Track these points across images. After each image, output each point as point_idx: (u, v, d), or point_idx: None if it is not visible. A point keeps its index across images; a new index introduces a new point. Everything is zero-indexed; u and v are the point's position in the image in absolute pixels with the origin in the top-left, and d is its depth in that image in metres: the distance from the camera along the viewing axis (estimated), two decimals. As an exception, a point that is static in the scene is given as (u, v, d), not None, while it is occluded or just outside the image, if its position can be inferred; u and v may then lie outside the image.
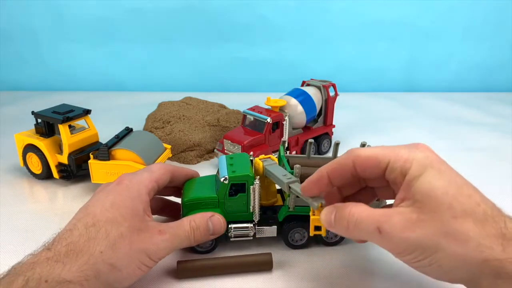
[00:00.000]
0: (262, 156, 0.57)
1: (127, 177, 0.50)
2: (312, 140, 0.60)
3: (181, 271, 0.51)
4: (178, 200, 0.60)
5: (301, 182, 0.53)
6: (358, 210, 0.39)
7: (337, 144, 0.60)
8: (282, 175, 0.52)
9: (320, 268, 0.53)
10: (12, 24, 1.32)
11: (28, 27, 1.33)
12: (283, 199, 0.58)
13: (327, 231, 0.54)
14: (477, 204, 0.36)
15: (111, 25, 1.34)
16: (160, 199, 0.60)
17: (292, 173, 0.52)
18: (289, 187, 0.50)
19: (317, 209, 0.44)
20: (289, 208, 0.55)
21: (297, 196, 0.49)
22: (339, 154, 0.61)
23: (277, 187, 0.62)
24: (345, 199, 0.47)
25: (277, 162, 0.57)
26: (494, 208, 0.36)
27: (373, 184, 0.45)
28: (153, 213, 0.59)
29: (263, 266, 0.52)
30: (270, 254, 0.53)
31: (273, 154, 0.74)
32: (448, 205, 0.35)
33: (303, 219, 0.56)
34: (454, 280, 0.38)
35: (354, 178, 0.43)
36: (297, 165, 0.52)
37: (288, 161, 0.59)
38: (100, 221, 0.44)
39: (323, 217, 0.42)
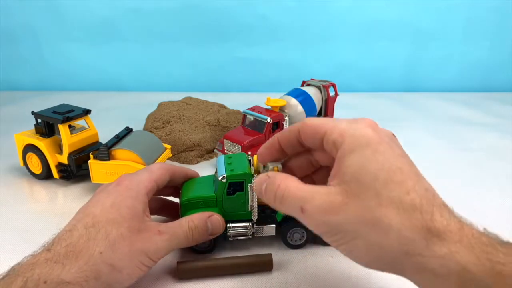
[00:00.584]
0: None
1: (127, 178, 0.50)
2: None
3: (181, 272, 0.50)
4: (177, 200, 0.60)
5: None
6: (286, 184, 0.38)
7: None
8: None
9: (320, 268, 0.53)
10: (12, 24, 1.32)
11: (28, 27, 1.33)
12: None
13: None
14: (406, 193, 0.33)
15: (111, 25, 1.34)
16: (159, 199, 0.60)
17: None
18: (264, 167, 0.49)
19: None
20: None
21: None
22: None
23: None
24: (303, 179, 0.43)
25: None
26: (424, 197, 0.33)
27: (322, 159, 0.43)
28: (152, 213, 0.59)
29: (264, 266, 0.52)
30: (270, 254, 0.53)
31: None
32: (375, 192, 0.33)
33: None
34: (378, 268, 0.36)
35: (300, 147, 0.43)
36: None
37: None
38: (100, 222, 0.44)
39: (255, 184, 0.42)
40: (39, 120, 0.74)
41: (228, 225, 0.55)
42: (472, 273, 0.30)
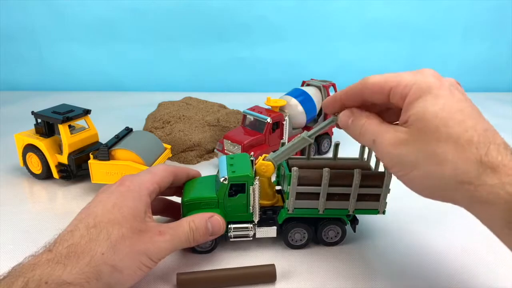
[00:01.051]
0: (263, 156, 0.57)
1: (128, 179, 0.50)
2: (312, 141, 0.60)
3: (181, 283, 0.50)
4: (179, 200, 0.60)
5: (300, 185, 0.53)
6: (368, 122, 0.44)
7: (337, 145, 0.60)
8: (292, 143, 0.54)
9: (320, 269, 0.53)
10: (12, 24, 1.32)
11: (28, 27, 1.33)
12: (283, 200, 0.58)
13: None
14: (465, 130, 0.37)
15: (111, 25, 1.34)
16: (162, 200, 0.60)
17: (290, 176, 0.53)
18: (309, 136, 0.53)
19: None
20: (288, 210, 0.54)
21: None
22: (339, 155, 0.61)
23: (278, 187, 0.62)
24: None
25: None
26: (482, 135, 0.37)
27: (383, 110, 0.47)
28: (155, 214, 0.59)
29: (267, 278, 0.51)
30: (273, 265, 0.51)
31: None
32: (435, 128, 0.37)
33: (302, 220, 0.56)
34: (434, 196, 0.40)
35: (364, 103, 0.46)
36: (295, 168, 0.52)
37: (287, 162, 0.58)
38: (101, 222, 0.44)
39: (341, 118, 0.47)
40: (39, 120, 0.74)
41: (229, 226, 0.55)
42: None
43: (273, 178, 0.61)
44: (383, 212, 0.56)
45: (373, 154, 0.57)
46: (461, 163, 0.36)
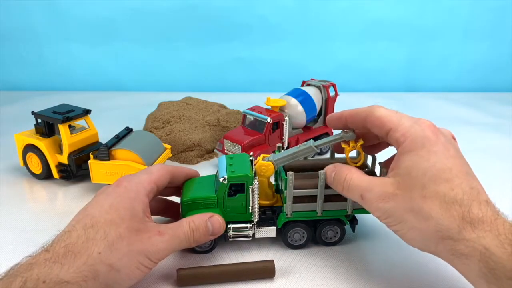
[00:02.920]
0: (261, 156, 0.57)
1: (126, 179, 0.51)
2: (318, 151, 0.60)
3: (181, 279, 0.50)
4: (178, 200, 0.60)
5: (296, 188, 0.53)
6: (351, 177, 0.47)
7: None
8: (297, 148, 0.55)
9: (320, 269, 0.53)
10: (12, 24, 1.32)
11: (28, 27, 1.33)
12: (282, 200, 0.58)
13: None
14: (451, 189, 0.39)
15: (111, 25, 1.34)
16: (161, 200, 0.60)
17: (286, 180, 0.53)
18: (315, 146, 0.54)
19: (351, 139, 0.52)
20: (286, 214, 0.55)
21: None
22: (336, 155, 0.61)
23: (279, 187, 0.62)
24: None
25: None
26: (467, 193, 0.39)
27: (381, 138, 0.50)
28: (155, 214, 0.59)
29: (266, 273, 0.51)
30: (272, 261, 0.52)
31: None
32: (422, 186, 0.40)
33: (301, 221, 0.56)
34: (419, 248, 0.43)
35: (365, 129, 0.49)
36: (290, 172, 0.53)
37: (283, 165, 0.58)
38: (98, 222, 0.44)
39: (325, 173, 0.51)
40: (39, 120, 0.74)
41: (228, 226, 0.55)
42: (493, 253, 0.36)
43: (272, 181, 0.61)
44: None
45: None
46: (444, 220, 0.39)
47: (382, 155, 0.54)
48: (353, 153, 0.56)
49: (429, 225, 0.39)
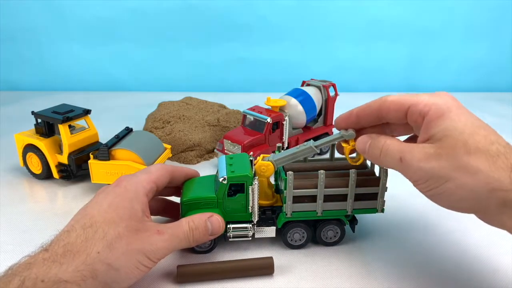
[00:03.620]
0: (261, 156, 0.57)
1: (125, 179, 0.51)
2: (318, 151, 0.60)
3: (181, 276, 0.50)
4: (178, 200, 0.60)
5: (296, 188, 0.53)
6: (390, 142, 0.46)
7: (333, 145, 0.60)
8: (297, 148, 0.54)
9: (320, 269, 0.53)
10: (13, 24, 1.32)
11: (28, 27, 1.33)
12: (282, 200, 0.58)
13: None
14: (491, 143, 0.40)
15: (111, 25, 1.34)
16: (161, 200, 0.60)
17: (285, 180, 0.53)
18: (315, 146, 0.54)
19: (351, 138, 0.52)
20: (286, 214, 0.55)
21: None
22: (336, 155, 0.61)
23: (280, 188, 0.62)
24: None
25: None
26: (507, 147, 0.40)
27: (399, 130, 0.51)
28: (154, 214, 0.59)
29: (265, 270, 0.52)
30: (271, 258, 0.52)
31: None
32: (463, 143, 0.40)
33: (301, 221, 0.56)
34: (463, 209, 0.42)
35: (378, 120, 0.49)
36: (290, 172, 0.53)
37: (283, 166, 0.58)
38: (97, 222, 0.44)
39: (358, 144, 0.49)
40: (39, 120, 0.74)
41: (228, 226, 0.55)
42: None
43: (272, 182, 0.61)
44: (382, 211, 0.56)
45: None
46: (493, 172, 0.38)
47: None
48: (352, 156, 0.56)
49: (479, 179, 0.39)
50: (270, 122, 0.78)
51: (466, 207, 0.42)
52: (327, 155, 0.87)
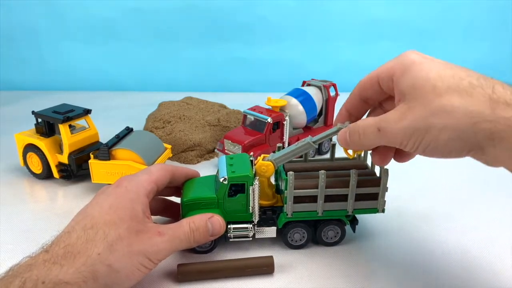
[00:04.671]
0: (262, 156, 0.57)
1: (125, 179, 0.50)
2: (316, 146, 0.60)
3: (182, 274, 0.50)
4: (178, 200, 0.60)
5: (296, 189, 0.53)
6: (364, 121, 0.45)
7: (333, 145, 0.60)
8: (295, 145, 0.54)
9: (320, 269, 0.53)
10: (13, 24, 1.32)
11: (28, 27, 1.33)
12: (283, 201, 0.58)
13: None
14: (460, 79, 0.37)
15: (111, 25, 1.34)
16: (161, 200, 0.60)
17: (286, 181, 0.53)
18: (313, 141, 0.53)
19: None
20: (287, 214, 0.55)
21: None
22: (336, 155, 0.61)
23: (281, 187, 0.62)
24: None
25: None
26: (481, 78, 0.38)
27: (386, 106, 0.50)
28: (155, 214, 0.59)
29: (265, 269, 0.52)
30: (271, 257, 0.52)
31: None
32: (431, 88, 0.38)
33: (302, 221, 0.56)
34: (458, 151, 0.39)
35: (366, 105, 0.50)
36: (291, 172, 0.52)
37: (284, 165, 0.58)
38: (98, 223, 0.44)
39: (339, 138, 0.48)
40: (39, 120, 0.74)
41: (229, 226, 0.55)
42: None
43: (272, 181, 0.61)
44: (383, 211, 0.56)
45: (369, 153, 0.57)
46: (470, 105, 0.36)
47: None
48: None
49: (458, 117, 0.36)
50: (271, 122, 0.78)
51: (458, 149, 0.39)
52: (327, 155, 0.88)
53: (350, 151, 0.53)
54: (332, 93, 0.89)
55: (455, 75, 0.38)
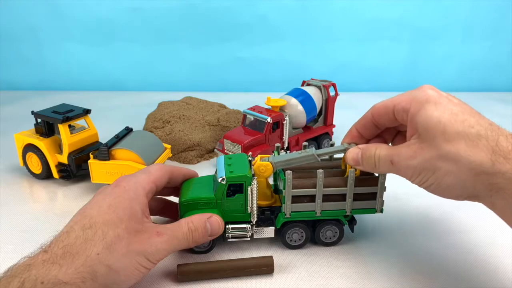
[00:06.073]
0: (259, 157, 0.57)
1: (124, 179, 0.51)
2: (306, 143, 0.60)
3: (181, 275, 0.50)
4: (176, 200, 0.60)
5: (294, 188, 0.53)
6: (379, 150, 0.47)
7: (332, 145, 0.60)
8: (299, 154, 0.55)
9: (319, 269, 0.53)
10: (13, 24, 1.32)
11: (28, 27, 1.33)
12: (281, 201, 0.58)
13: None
14: (470, 127, 0.40)
15: (111, 25, 1.34)
16: (160, 200, 0.60)
17: (284, 180, 0.53)
18: (318, 155, 0.54)
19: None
20: (285, 214, 0.55)
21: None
22: (335, 156, 0.61)
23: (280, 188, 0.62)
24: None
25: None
26: (489, 129, 0.40)
27: (399, 128, 0.52)
28: (153, 214, 0.59)
29: (265, 269, 0.52)
30: (271, 257, 0.52)
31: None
32: (442, 131, 0.40)
33: (300, 221, 0.56)
34: (456, 196, 0.42)
35: (377, 128, 0.52)
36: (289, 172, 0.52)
37: None
38: (97, 223, 0.44)
39: (349, 156, 0.51)
40: (39, 120, 0.74)
41: (227, 227, 0.55)
42: None
43: (270, 182, 0.61)
44: (381, 211, 0.56)
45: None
46: (474, 156, 0.38)
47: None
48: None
49: (461, 165, 0.39)
50: (270, 122, 0.78)
51: (457, 194, 0.42)
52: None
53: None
54: (332, 93, 0.89)
55: (466, 121, 0.40)
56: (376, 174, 0.56)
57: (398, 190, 0.64)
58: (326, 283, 0.51)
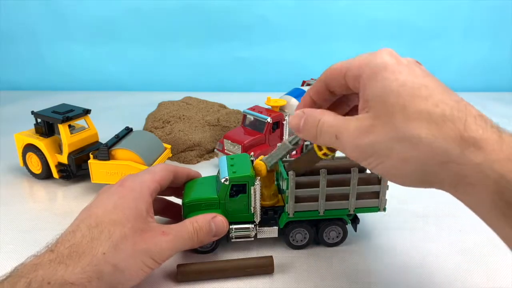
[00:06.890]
0: (261, 157, 0.57)
1: (129, 178, 0.50)
2: (308, 142, 0.60)
3: (181, 275, 0.50)
4: (177, 200, 0.59)
5: (298, 188, 0.53)
6: (325, 118, 0.39)
7: (306, 146, 0.59)
8: (278, 148, 0.54)
9: (321, 269, 0.53)
10: (12, 24, 1.32)
11: (28, 27, 1.32)
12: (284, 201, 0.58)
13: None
14: (434, 105, 0.33)
15: (111, 25, 1.34)
16: (161, 200, 0.60)
17: (287, 180, 0.53)
18: (289, 142, 0.53)
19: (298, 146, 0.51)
20: (288, 214, 0.54)
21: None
22: (336, 155, 0.61)
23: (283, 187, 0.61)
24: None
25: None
26: (455, 108, 0.33)
27: (353, 100, 0.45)
28: (155, 214, 0.59)
29: (264, 269, 0.52)
30: (271, 257, 0.52)
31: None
32: (401, 107, 0.33)
33: (304, 221, 0.56)
34: (416, 183, 0.35)
35: (331, 95, 0.43)
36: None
37: (284, 166, 0.58)
38: (103, 222, 0.43)
39: (291, 121, 0.43)
40: (39, 120, 0.73)
41: (230, 227, 0.55)
42: (510, 181, 0.29)
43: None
44: (384, 209, 0.56)
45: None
46: (438, 141, 0.32)
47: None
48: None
49: (422, 151, 0.32)
50: (270, 122, 0.78)
51: (418, 182, 0.35)
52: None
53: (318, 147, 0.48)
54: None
55: (431, 97, 0.33)
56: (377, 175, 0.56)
57: (401, 189, 0.64)
58: (326, 283, 0.51)
